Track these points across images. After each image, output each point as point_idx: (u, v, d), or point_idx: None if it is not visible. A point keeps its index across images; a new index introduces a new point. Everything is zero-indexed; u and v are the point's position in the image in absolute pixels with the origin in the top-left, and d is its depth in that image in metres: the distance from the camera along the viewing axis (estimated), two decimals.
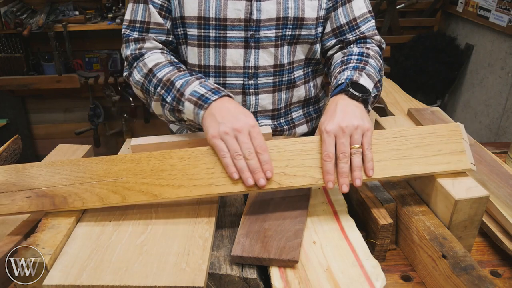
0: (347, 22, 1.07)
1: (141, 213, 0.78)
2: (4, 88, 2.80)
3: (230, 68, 1.06)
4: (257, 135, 0.79)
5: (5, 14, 2.54)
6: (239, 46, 1.03)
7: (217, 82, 1.07)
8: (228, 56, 1.04)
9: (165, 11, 1.03)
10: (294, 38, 1.05)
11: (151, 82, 0.97)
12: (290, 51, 1.07)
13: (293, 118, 1.18)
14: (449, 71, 2.87)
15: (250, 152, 0.76)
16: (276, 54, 1.05)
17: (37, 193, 0.77)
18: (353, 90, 0.87)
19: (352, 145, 0.78)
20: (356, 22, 1.07)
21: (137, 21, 1.04)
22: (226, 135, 0.78)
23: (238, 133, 0.78)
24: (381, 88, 1.02)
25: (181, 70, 0.97)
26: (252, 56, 1.04)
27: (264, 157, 0.76)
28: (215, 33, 1.02)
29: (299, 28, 1.04)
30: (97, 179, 0.78)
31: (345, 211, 0.80)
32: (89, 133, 3.01)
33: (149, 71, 0.98)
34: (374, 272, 0.65)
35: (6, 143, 1.03)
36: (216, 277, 0.67)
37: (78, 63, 2.94)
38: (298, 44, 1.07)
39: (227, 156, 0.77)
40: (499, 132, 2.52)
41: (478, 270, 0.65)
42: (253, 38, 1.02)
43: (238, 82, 1.07)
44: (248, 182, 0.74)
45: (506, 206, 0.82)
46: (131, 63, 1.04)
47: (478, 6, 2.66)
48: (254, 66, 1.05)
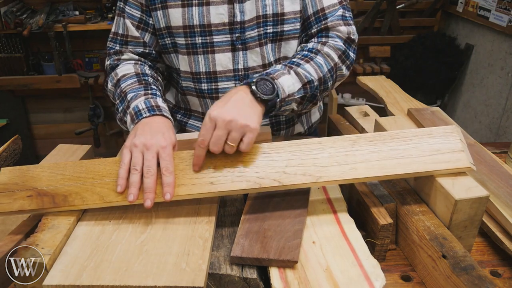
0: (314, 13, 1.02)
1: (141, 213, 0.78)
2: (4, 88, 2.80)
3: (220, 73, 1.06)
4: (166, 156, 0.79)
5: (5, 14, 2.54)
6: (227, 49, 1.04)
7: (209, 88, 1.08)
8: (217, 61, 1.05)
9: (144, 23, 1.06)
10: (277, 35, 1.04)
11: (116, 92, 1.02)
12: (275, 48, 1.06)
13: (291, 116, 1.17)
14: (449, 71, 2.87)
15: (148, 170, 0.76)
16: (262, 53, 1.05)
17: (39, 192, 0.78)
18: (257, 87, 0.83)
19: (228, 141, 0.76)
20: (324, 12, 1.02)
21: (118, 34, 1.08)
22: (135, 147, 0.80)
23: (146, 149, 0.79)
24: (312, 91, 0.94)
25: (142, 82, 0.99)
26: (240, 58, 1.05)
27: (168, 179, 0.76)
28: (202, 39, 1.02)
29: (280, 24, 1.02)
30: (98, 179, 0.79)
31: (345, 211, 0.80)
32: (89, 133, 3.01)
33: (117, 81, 1.02)
34: (374, 272, 0.65)
35: (6, 143, 1.03)
36: (216, 277, 0.67)
37: (78, 63, 2.94)
38: (283, 41, 1.05)
39: (123, 168, 0.78)
40: (499, 132, 2.52)
41: (478, 270, 0.65)
42: (239, 40, 1.02)
43: (230, 85, 1.07)
44: (129, 197, 0.75)
45: (506, 206, 0.82)
46: (108, 73, 1.09)
47: (478, 6, 2.66)
48: (244, 68, 1.06)
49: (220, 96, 1.05)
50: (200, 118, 1.17)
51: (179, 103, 1.20)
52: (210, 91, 1.09)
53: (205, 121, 0.77)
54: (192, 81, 1.09)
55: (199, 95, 1.11)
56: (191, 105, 1.16)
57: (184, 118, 1.19)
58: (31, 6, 2.78)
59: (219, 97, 1.06)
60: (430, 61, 2.86)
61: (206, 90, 1.09)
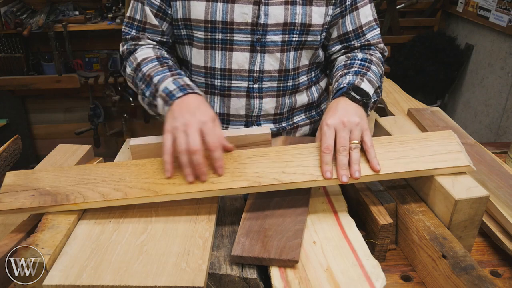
0: (353, 30, 1.09)
1: (141, 213, 0.78)
2: (4, 88, 2.80)
3: (235, 71, 1.06)
4: (209, 131, 0.79)
5: (5, 14, 2.54)
6: (245, 49, 1.04)
7: (222, 85, 1.08)
8: (234, 59, 1.05)
9: (162, 12, 1.05)
10: (300, 43, 1.06)
11: (137, 76, 1.01)
12: (296, 56, 1.08)
13: (295, 121, 1.18)
14: (449, 71, 2.87)
15: (193, 146, 0.76)
16: (281, 59, 1.06)
17: (41, 192, 0.79)
18: (354, 94, 0.89)
19: (352, 140, 0.79)
20: (362, 30, 1.09)
21: (135, 19, 1.07)
22: (176, 130, 0.79)
23: (188, 128, 0.79)
24: (380, 94, 1.05)
25: (164, 65, 0.99)
26: (257, 60, 1.05)
27: (216, 154, 0.77)
28: (222, 36, 1.03)
29: (305, 34, 1.05)
30: (101, 180, 0.80)
31: (345, 211, 0.80)
32: (89, 133, 3.01)
33: (138, 65, 1.01)
34: (374, 272, 0.65)
35: (6, 143, 1.03)
36: (216, 277, 0.67)
37: (78, 63, 2.94)
38: (304, 50, 1.08)
39: (167, 153, 0.78)
40: (499, 132, 2.52)
41: (478, 270, 0.65)
42: (259, 42, 1.03)
43: (243, 85, 1.07)
44: (187, 178, 0.76)
45: (506, 206, 0.82)
46: (126, 58, 1.08)
47: (478, 6, 2.66)
48: (259, 70, 1.06)
49: (233, 94, 1.08)
50: None
51: None
52: (222, 88, 1.09)
53: (324, 130, 0.81)
54: (205, 76, 1.09)
55: (207, 91, 1.11)
56: None
57: None
58: (31, 6, 2.78)
59: (231, 95, 1.08)
60: (430, 61, 2.86)
61: (218, 87, 1.09)
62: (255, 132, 0.94)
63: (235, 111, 1.10)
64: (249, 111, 1.10)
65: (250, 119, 1.12)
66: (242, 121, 1.12)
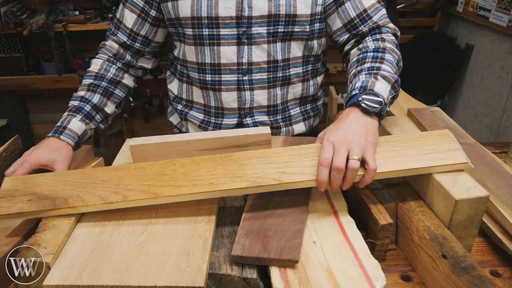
0: (358, 15, 1.06)
1: (141, 213, 0.78)
2: (4, 88, 2.80)
3: (224, 65, 1.08)
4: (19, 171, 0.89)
5: (5, 14, 2.53)
6: (232, 43, 1.06)
7: (212, 79, 1.11)
8: (222, 53, 1.07)
9: (145, 14, 1.10)
10: (287, 34, 1.06)
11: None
12: (284, 47, 1.08)
13: (291, 115, 1.18)
14: (449, 71, 2.87)
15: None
16: (269, 50, 1.07)
17: (39, 196, 0.78)
18: (366, 104, 0.84)
19: (350, 157, 0.75)
20: (367, 13, 1.05)
21: (116, 18, 1.14)
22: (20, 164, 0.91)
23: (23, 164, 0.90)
24: (398, 88, 0.99)
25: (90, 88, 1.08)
26: (245, 52, 1.06)
27: None
28: (209, 31, 1.05)
29: (291, 25, 1.05)
30: (100, 183, 0.80)
31: (345, 211, 0.80)
32: None
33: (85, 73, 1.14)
34: (374, 272, 0.65)
35: (6, 143, 1.03)
36: (216, 277, 0.67)
37: (78, 63, 2.94)
38: (292, 41, 1.08)
39: None
40: (499, 132, 2.52)
41: (478, 270, 0.65)
42: (245, 35, 1.04)
43: (233, 78, 1.09)
44: None
45: (506, 206, 0.82)
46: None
47: (478, 6, 2.66)
48: (248, 62, 1.07)
49: (223, 88, 1.10)
50: (201, 110, 1.19)
51: (181, 94, 1.22)
52: (213, 82, 1.11)
53: (323, 145, 0.77)
54: (197, 71, 1.12)
55: (202, 86, 1.14)
56: (194, 96, 1.18)
57: (185, 109, 1.21)
58: (31, 6, 2.77)
59: (221, 89, 1.10)
60: (430, 61, 2.86)
61: (209, 82, 1.11)
62: (255, 132, 0.94)
63: (227, 105, 1.13)
64: (241, 104, 1.12)
65: (243, 112, 1.14)
66: (235, 114, 1.14)
